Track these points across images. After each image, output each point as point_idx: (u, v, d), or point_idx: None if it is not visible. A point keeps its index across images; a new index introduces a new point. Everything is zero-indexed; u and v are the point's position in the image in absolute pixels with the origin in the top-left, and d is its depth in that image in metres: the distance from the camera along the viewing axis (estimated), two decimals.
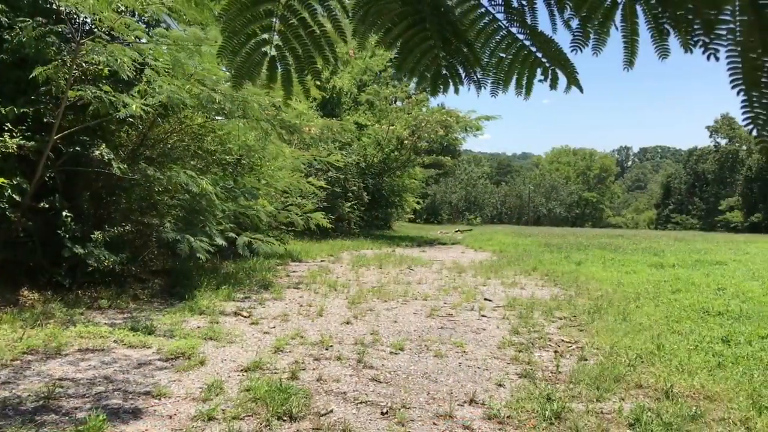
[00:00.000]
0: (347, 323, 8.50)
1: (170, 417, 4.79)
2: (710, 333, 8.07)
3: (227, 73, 8.55)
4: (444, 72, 2.14)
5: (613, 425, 4.86)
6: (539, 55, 2.16)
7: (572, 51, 2.08)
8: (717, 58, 1.62)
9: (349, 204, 25.23)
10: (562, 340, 7.76)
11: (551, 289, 12.25)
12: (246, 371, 6.02)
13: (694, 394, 5.60)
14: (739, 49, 1.58)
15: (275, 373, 5.97)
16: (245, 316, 8.76)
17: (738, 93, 1.60)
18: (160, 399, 5.17)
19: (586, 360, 6.79)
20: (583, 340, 7.76)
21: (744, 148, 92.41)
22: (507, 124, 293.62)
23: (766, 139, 1.60)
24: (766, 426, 4.78)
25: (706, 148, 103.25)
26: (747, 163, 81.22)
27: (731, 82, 1.61)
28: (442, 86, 2.15)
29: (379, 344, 7.37)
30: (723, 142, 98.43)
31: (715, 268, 16.68)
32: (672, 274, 14.82)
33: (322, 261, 16.36)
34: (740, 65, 1.58)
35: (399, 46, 2.10)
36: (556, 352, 7.19)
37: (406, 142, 29.37)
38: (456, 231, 39.65)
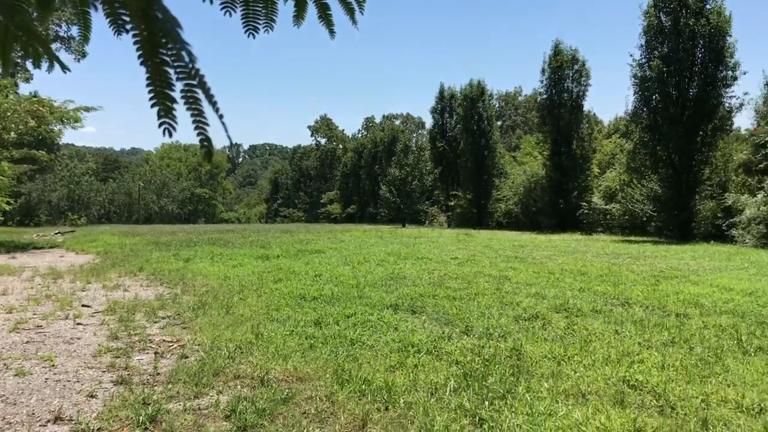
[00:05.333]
0: None
1: None
2: (305, 317, 8.67)
3: None
4: None
5: (210, 420, 4.85)
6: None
7: None
8: (127, 31, 1.63)
9: None
10: (164, 340, 7.55)
11: (157, 289, 11.90)
12: None
13: (287, 377, 5.90)
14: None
15: None
16: None
17: (146, 70, 1.60)
18: None
19: (187, 357, 6.70)
20: (186, 337, 7.66)
21: (340, 146, 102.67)
22: (113, 116, 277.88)
23: (169, 122, 1.61)
24: (346, 397, 5.25)
25: (308, 146, 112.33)
26: (343, 161, 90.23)
27: (138, 57, 1.60)
28: None
29: None
30: (323, 141, 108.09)
31: (314, 256, 18.13)
32: (275, 264, 15.67)
33: None
34: (140, 38, 1.58)
35: None
36: (156, 353, 6.95)
37: None
38: (56, 233, 36.25)
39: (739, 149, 33.32)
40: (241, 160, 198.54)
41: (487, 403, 5.10)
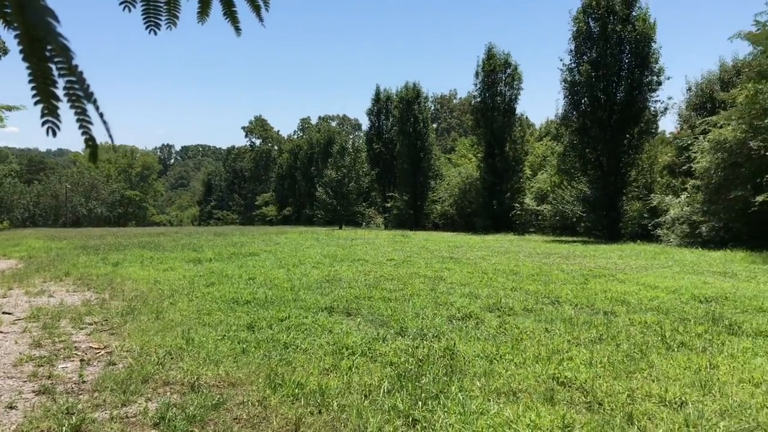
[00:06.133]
0: None
1: None
2: (237, 321, 8.53)
3: None
4: None
5: (138, 428, 4.71)
6: None
7: None
8: (10, 24, 1.56)
9: None
10: (91, 347, 7.30)
11: (84, 294, 11.50)
12: None
13: (219, 383, 5.79)
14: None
15: None
16: None
17: (27, 66, 1.53)
18: None
19: (115, 364, 6.49)
20: (114, 344, 7.43)
21: (276, 148, 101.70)
22: (39, 116, 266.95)
23: (53, 121, 1.55)
24: (279, 402, 5.18)
25: (243, 147, 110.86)
26: (278, 162, 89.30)
27: (20, 52, 1.54)
28: None
29: None
30: (257, 142, 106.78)
31: (248, 259, 17.87)
32: (208, 268, 15.37)
33: None
34: (19, 31, 1.51)
35: None
36: (82, 360, 6.71)
37: None
38: None
39: (663, 152, 34.62)
40: (173, 161, 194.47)
41: (420, 403, 5.12)
